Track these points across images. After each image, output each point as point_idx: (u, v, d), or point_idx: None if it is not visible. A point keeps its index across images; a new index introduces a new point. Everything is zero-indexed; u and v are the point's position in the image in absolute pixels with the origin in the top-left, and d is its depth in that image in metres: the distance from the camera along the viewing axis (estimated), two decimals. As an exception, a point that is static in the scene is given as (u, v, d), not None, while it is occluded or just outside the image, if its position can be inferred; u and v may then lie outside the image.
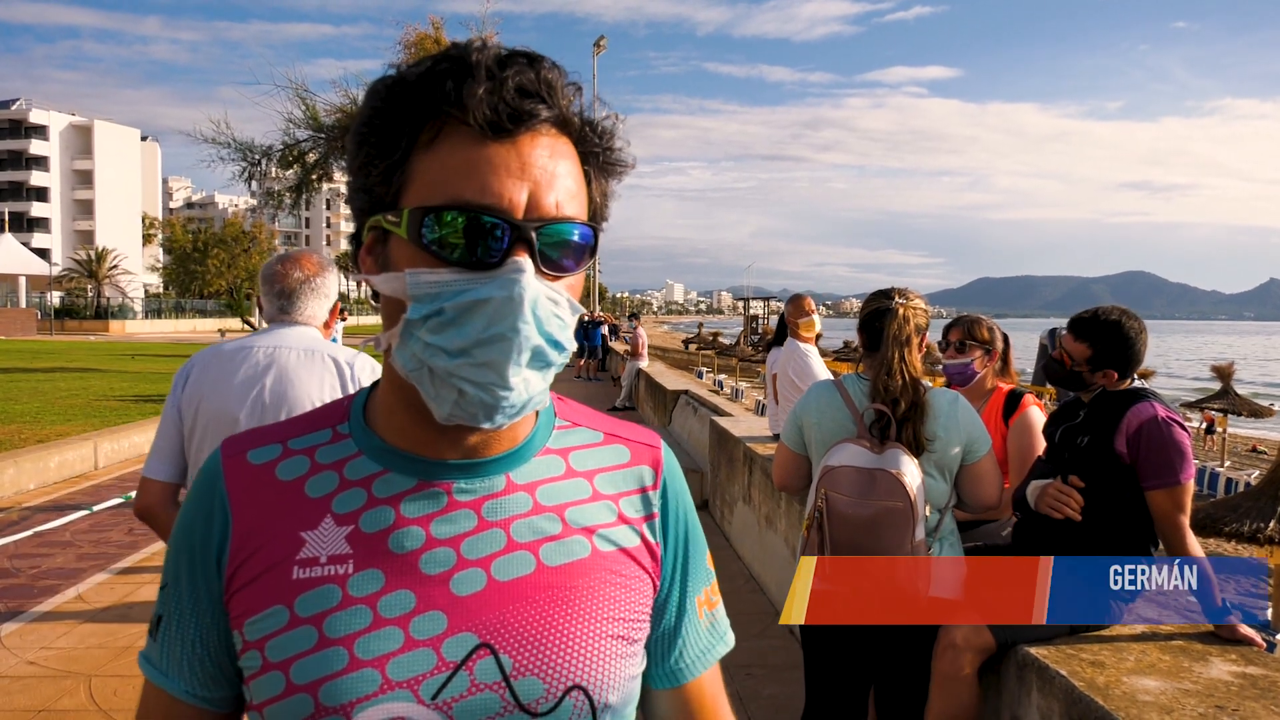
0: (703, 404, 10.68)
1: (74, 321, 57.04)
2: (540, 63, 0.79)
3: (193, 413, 2.53)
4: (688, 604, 0.99)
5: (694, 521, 1.01)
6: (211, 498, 0.87)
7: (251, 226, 60.38)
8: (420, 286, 0.77)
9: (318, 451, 0.88)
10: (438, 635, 0.81)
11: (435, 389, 0.78)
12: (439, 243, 0.77)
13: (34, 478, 9.20)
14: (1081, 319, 2.97)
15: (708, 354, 42.22)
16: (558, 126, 0.81)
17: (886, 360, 2.76)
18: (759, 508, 6.20)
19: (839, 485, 2.67)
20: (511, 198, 0.77)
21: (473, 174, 0.77)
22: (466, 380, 0.77)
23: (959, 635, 2.65)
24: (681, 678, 1.00)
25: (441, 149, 0.78)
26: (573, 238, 0.81)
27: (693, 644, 1.00)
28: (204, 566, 0.85)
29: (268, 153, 16.61)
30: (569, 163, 0.81)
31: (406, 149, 0.78)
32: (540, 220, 0.78)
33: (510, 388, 0.77)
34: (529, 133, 0.78)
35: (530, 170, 0.78)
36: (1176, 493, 2.69)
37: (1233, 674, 2.39)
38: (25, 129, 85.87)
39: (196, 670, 0.87)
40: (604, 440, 0.97)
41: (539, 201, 0.78)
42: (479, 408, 0.78)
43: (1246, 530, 9.40)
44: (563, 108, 0.80)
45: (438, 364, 0.77)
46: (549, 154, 0.79)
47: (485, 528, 0.85)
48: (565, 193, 0.80)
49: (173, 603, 0.88)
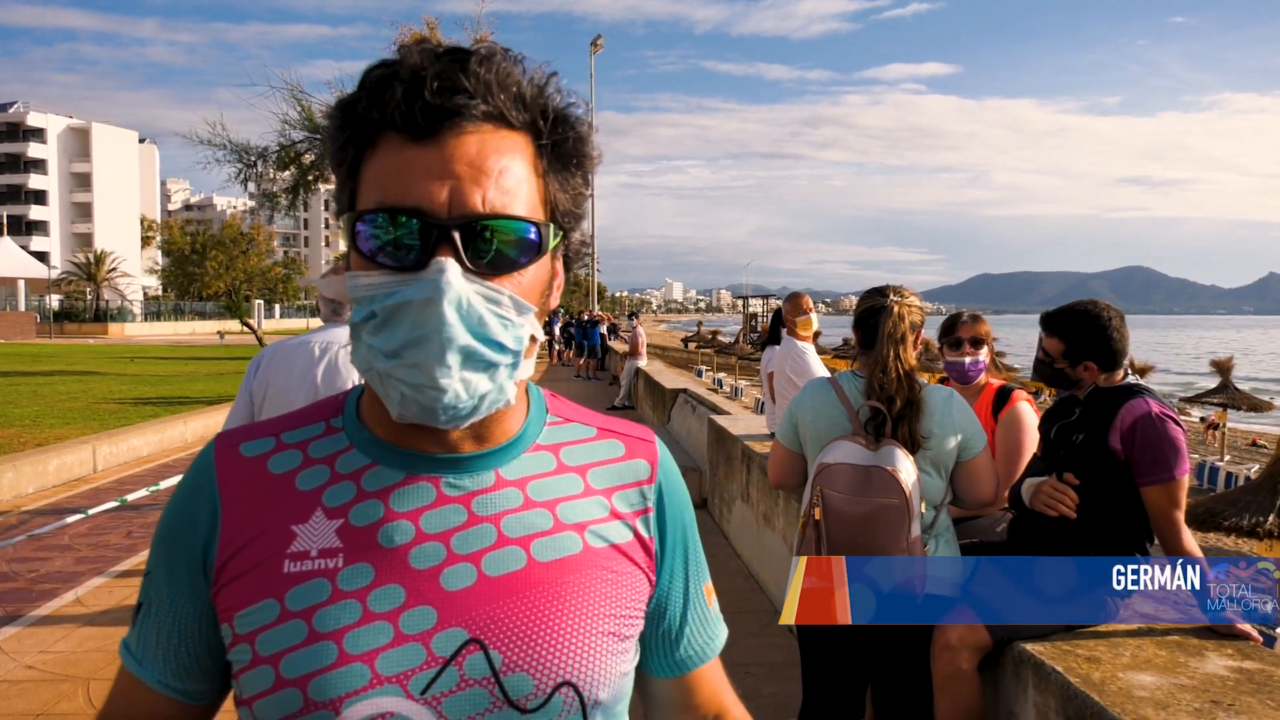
0: (701, 402, 10.68)
1: (73, 324, 57.00)
2: (469, 58, 0.79)
3: (261, 396, 3.04)
4: (692, 595, 1.00)
5: (692, 516, 1.02)
6: (201, 490, 0.87)
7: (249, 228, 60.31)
8: (357, 289, 0.79)
9: (311, 445, 0.88)
10: (427, 630, 0.81)
11: (383, 389, 0.79)
12: (369, 246, 0.78)
13: (33, 481, 9.20)
14: (1049, 314, 3.00)
15: (707, 352, 42.21)
16: (494, 121, 0.80)
17: (881, 358, 2.76)
18: (757, 506, 6.20)
19: (834, 482, 2.67)
20: (432, 197, 0.77)
21: (397, 177, 0.77)
22: (402, 382, 0.77)
23: (954, 635, 2.64)
24: (688, 666, 1.02)
25: (377, 156, 0.79)
26: (508, 235, 0.79)
27: (698, 633, 1.02)
28: (188, 559, 0.85)
29: (264, 154, 16.60)
30: (510, 158, 0.80)
31: (354, 160, 0.81)
32: (464, 218, 0.77)
33: (442, 389, 0.76)
34: (453, 131, 0.78)
35: (452, 168, 0.77)
36: (1171, 488, 2.69)
37: (1229, 669, 2.39)
38: (23, 132, 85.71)
39: (171, 661, 0.87)
40: (597, 435, 0.96)
41: (464, 199, 0.77)
42: (420, 409, 0.78)
43: (1246, 524, 9.40)
44: (500, 102, 0.79)
45: (378, 365, 0.78)
46: (479, 150, 0.78)
47: (475, 522, 0.85)
48: (500, 189, 0.79)
49: (153, 591, 0.88)
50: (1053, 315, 2.97)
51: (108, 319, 59.03)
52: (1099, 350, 2.86)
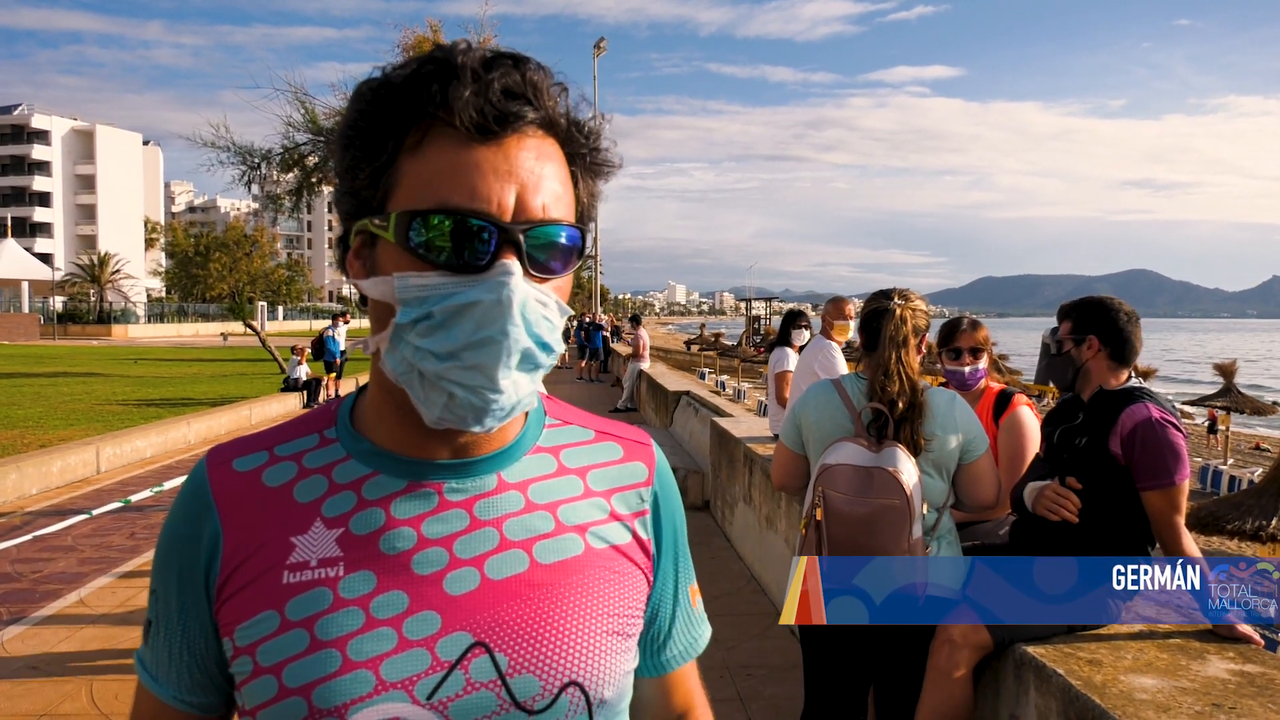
0: (704, 405, 10.68)
1: (77, 326, 57.06)
2: (525, 64, 0.79)
3: None
4: (681, 597, 1.02)
5: (683, 518, 1.03)
6: (199, 508, 0.86)
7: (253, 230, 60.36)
8: (408, 290, 0.77)
9: (305, 456, 0.88)
10: (432, 635, 0.81)
11: (425, 392, 0.78)
12: (426, 246, 0.76)
13: (36, 482, 9.22)
14: (1064, 304, 3.08)
15: (710, 355, 42.23)
16: (543, 128, 0.81)
17: (883, 361, 2.77)
18: (760, 508, 6.20)
19: (836, 483, 2.67)
20: (499, 200, 0.77)
21: (459, 177, 0.76)
22: (456, 383, 0.77)
23: (956, 632, 2.65)
24: (669, 667, 1.03)
25: (428, 152, 0.77)
26: (560, 240, 0.81)
27: (684, 634, 1.03)
28: (191, 577, 0.85)
29: (267, 156, 16.61)
30: (555, 164, 0.81)
31: (393, 152, 0.78)
32: (528, 223, 0.78)
33: (500, 390, 0.77)
34: (515, 135, 0.78)
35: (517, 173, 0.77)
36: (1172, 493, 2.69)
37: (1230, 672, 2.39)
38: (28, 134, 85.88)
39: (184, 677, 0.88)
40: (595, 438, 0.97)
41: (526, 204, 0.78)
42: (469, 410, 0.78)
43: (1249, 528, 9.40)
44: (549, 109, 0.80)
45: (427, 367, 0.77)
46: (535, 156, 0.79)
47: (477, 526, 0.85)
48: (552, 195, 0.80)
49: (160, 610, 0.88)
50: (1068, 303, 3.06)
51: (111, 321, 59.08)
52: (1104, 328, 2.88)
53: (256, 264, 46.52)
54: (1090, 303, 2.97)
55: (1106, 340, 2.88)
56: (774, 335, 7.39)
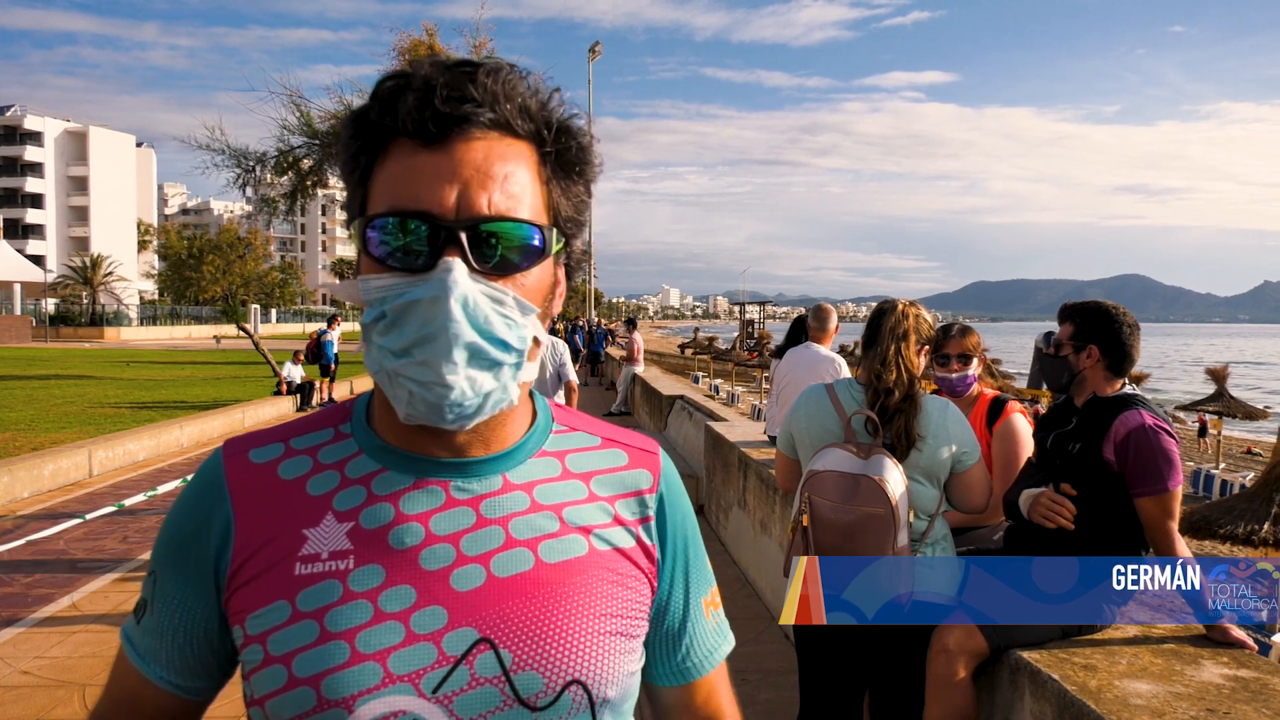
0: (698, 409, 10.68)
1: (69, 328, 56.83)
2: (478, 68, 0.82)
3: None
4: (692, 605, 1.02)
5: (694, 527, 1.04)
6: (213, 496, 0.88)
7: (247, 233, 60.26)
8: (369, 291, 0.81)
9: (320, 451, 0.90)
10: (438, 630, 0.82)
11: (392, 389, 0.81)
12: (379, 248, 0.81)
13: (28, 485, 9.17)
14: (1067, 304, 3.07)
15: (704, 359, 42.23)
16: (500, 130, 0.83)
17: (882, 351, 2.80)
18: (754, 512, 6.20)
19: (822, 490, 2.68)
20: (441, 200, 0.80)
21: (407, 182, 0.81)
22: (411, 380, 0.79)
23: (951, 640, 2.65)
24: (690, 675, 1.03)
25: (388, 162, 0.82)
26: (514, 236, 0.82)
27: (701, 644, 1.03)
28: (199, 562, 0.87)
29: (262, 159, 16.59)
30: (515, 164, 0.83)
31: (366, 168, 0.83)
32: (470, 220, 0.80)
33: (449, 386, 0.79)
34: (461, 138, 0.81)
35: (460, 172, 0.80)
36: (1165, 500, 2.70)
37: (1224, 677, 2.40)
38: (20, 135, 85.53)
39: (174, 659, 0.89)
40: (601, 445, 0.99)
41: (471, 202, 0.80)
42: (426, 407, 0.80)
43: (1241, 532, 9.43)
44: (506, 111, 0.82)
45: (388, 365, 0.80)
46: (484, 156, 0.82)
47: (484, 524, 0.87)
48: (505, 193, 0.82)
49: (159, 592, 0.90)
50: (1072, 304, 3.04)
51: (104, 323, 58.88)
52: (1106, 339, 2.88)
53: (250, 266, 46.47)
54: (1095, 310, 2.94)
55: (1107, 351, 2.88)
56: (769, 339, 7.34)
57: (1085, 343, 2.90)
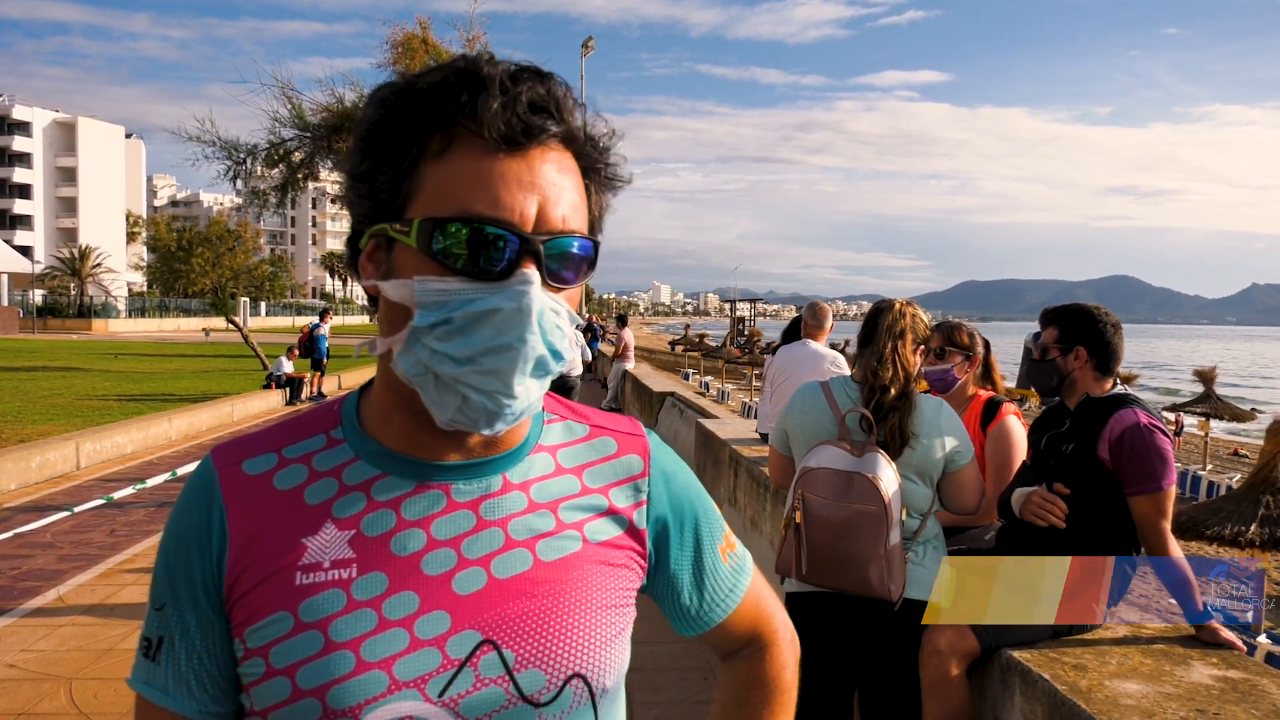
0: (689, 406, 10.69)
1: (56, 320, 56.55)
2: (550, 79, 0.82)
3: None
4: (708, 562, 1.04)
5: (696, 489, 1.06)
6: (208, 510, 0.86)
7: (236, 225, 59.98)
8: (428, 294, 0.79)
9: (314, 459, 0.89)
10: (442, 634, 0.83)
11: (439, 395, 0.80)
12: (447, 252, 0.78)
13: (15, 478, 9.13)
14: (1048, 309, 3.08)
15: (694, 356, 42.27)
16: (564, 142, 0.83)
17: (878, 348, 2.81)
18: (744, 510, 6.21)
19: (815, 487, 2.69)
20: (521, 211, 0.79)
21: (484, 186, 0.78)
22: (472, 387, 0.79)
23: (942, 641, 2.65)
24: (715, 619, 1.06)
25: (452, 160, 0.79)
26: (575, 250, 0.83)
27: (720, 591, 1.06)
28: (204, 580, 0.85)
29: (253, 151, 16.53)
30: (573, 177, 0.84)
31: (415, 158, 0.80)
32: (548, 233, 0.80)
33: (514, 395, 0.80)
34: (539, 147, 0.81)
35: (539, 184, 0.80)
36: (1159, 498, 2.71)
37: (1213, 678, 2.41)
38: (8, 125, 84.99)
39: (207, 687, 0.86)
40: (590, 434, 0.99)
41: (547, 215, 0.80)
42: (481, 414, 0.80)
43: (1228, 533, 9.48)
44: (570, 124, 0.83)
45: (444, 370, 0.79)
46: (557, 169, 0.82)
47: (484, 527, 0.88)
48: (570, 206, 0.82)
49: (173, 622, 0.86)
50: (1053, 308, 3.05)
51: (92, 315, 58.60)
52: (1091, 339, 2.89)
53: (240, 259, 46.24)
54: (1077, 312, 2.96)
55: (1094, 351, 2.89)
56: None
57: (1071, 345, 2.92)
